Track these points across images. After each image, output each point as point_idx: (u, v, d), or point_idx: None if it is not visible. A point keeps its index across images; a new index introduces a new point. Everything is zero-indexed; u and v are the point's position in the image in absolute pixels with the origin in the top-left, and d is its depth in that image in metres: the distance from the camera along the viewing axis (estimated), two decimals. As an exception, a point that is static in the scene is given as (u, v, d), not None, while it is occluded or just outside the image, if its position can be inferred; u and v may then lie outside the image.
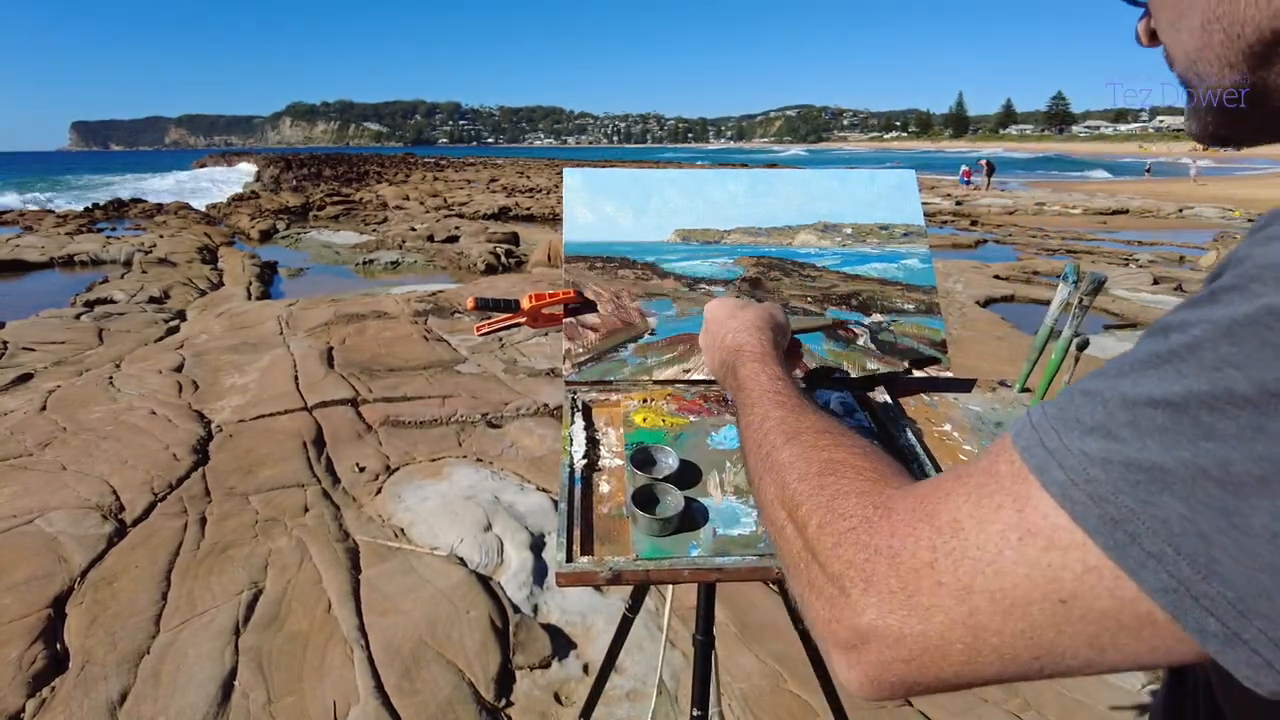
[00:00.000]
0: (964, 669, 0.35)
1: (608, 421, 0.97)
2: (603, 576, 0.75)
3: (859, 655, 0.38)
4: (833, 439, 0.52)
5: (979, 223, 16.21)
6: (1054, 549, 0.33)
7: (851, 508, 0.42)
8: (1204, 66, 0.43)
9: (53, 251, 11.37)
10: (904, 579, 0.36)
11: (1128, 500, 0.31)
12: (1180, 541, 0.30)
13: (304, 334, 5.58)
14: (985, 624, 0.34)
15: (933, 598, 0.35)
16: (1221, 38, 0.41)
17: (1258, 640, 0.29)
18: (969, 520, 0.36)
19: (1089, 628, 0.32)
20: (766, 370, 0.68)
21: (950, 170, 37.06)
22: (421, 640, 2.19)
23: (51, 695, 2.00)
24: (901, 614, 0.36)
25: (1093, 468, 0.32)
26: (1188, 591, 0.30)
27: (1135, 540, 0.31)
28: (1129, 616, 0.31)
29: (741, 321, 0.78)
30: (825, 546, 0.41)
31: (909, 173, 1.20)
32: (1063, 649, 0.33)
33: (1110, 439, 0.32)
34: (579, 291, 1.08)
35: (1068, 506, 0.32)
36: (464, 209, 19.30)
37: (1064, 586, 0.32)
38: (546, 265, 9.95)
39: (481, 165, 50.41)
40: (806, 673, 1.95)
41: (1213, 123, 0.45)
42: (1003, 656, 0.34)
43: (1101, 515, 0.31)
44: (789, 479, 0.49)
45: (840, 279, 1.12)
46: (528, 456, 3.52)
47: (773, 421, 0.57)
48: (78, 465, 3.32)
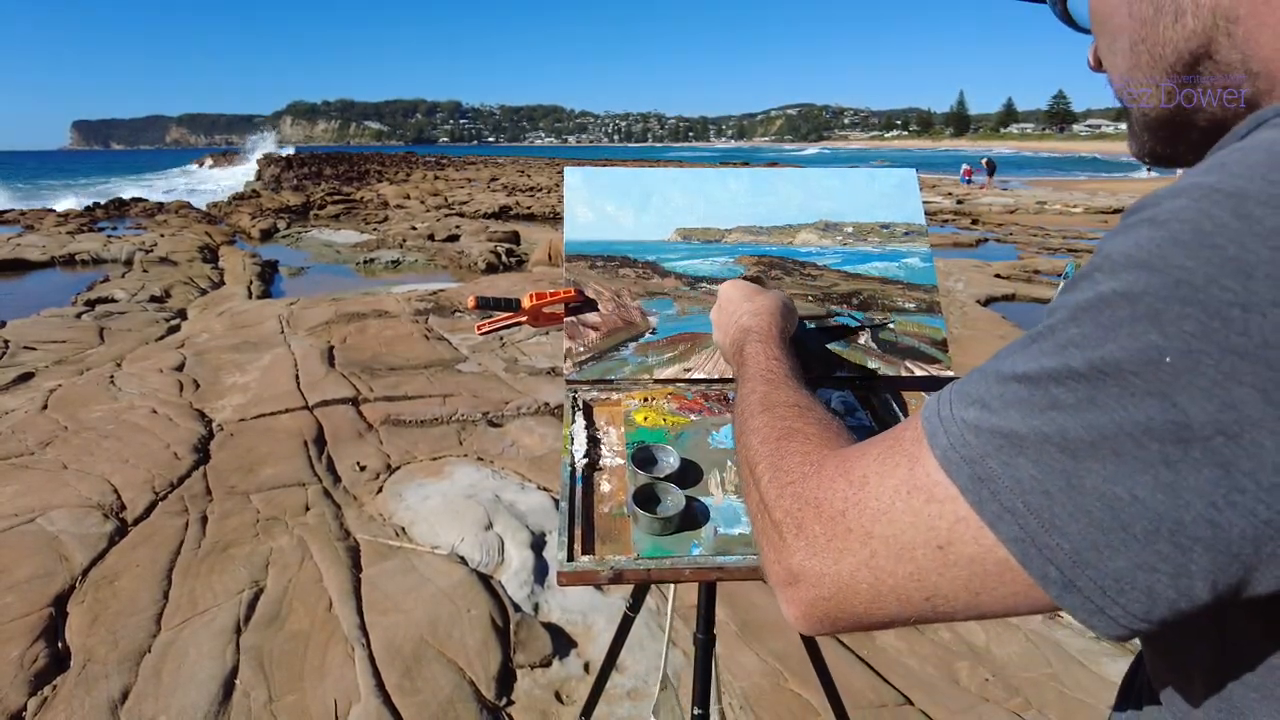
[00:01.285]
0: (872, 607, 0.40)
1: (609, 420, 0.97)
2: (604, 576, 0.75)
3: (792, 592, 0.43)
4: (799, 412, 0.57)
5: (980, 221, 16.20)
6: (933, 501, 0.37)
7: (794, 465, 0.48)
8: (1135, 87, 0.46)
9: (54, 250, 11.38)
10: (824, 525, 0.41)
11: (992, 462, 0.35)
12: (1029, 499, 0.34)
13: (305, 333, 5.58)
14: (883, 565, 0.39)
15: (844, 542, 0.40)
16: (1147, 59, 0.44)
17: (1089, 589, 0.33)
18: (874, 476, 0.40)
19: (963, 572, 0.37)
20: (767, 350, 0.73)
21: (949, 169, 37.06)
22: (422, 639, 2.19)
23: (53, 693, 2.00)
24: (822, 556, 0.41)
25: (968, 434, 0.36)
26: (1033, 542, 0.34)
27: (995, 496, 0.35)
28: (991, 563, 0.36)
29: (756, 305, 0.83)
30: (771, 497, 0.47)
31: (910, 172, 1.20)
32: (945, 591, 0.37)
33: (985, 409, 0.36)
34: (580, 290, 1.08)
35: (946, 466, 0.37)
36: (465, 208, 19.30)
37: (940, 534, 0.37)
38: (547, 264, 9.95)
39: (482, 164, 50.41)
40: (807, 671, 1.95)
41: (1149, 141, 0.48)
42: (899, 597, 0.39)
43: (971, 474, 0.36)
44: (754, 441, 0.55)
45: (841, 278, 1.12)
46: (528, 455, 3.52)
47: (757, 395, 0.63)
48: (79, 464, 3.32)
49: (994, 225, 15.56)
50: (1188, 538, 0.30)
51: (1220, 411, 0.29)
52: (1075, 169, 50.15)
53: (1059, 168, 52.74)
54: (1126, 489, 0.31)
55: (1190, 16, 0.41)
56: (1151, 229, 0.32)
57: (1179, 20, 0.41)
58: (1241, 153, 0.32)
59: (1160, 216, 0.32)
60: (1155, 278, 0.31)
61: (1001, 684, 2.09)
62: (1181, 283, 0.30)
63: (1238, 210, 0.30)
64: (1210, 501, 0.30)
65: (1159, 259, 0.31)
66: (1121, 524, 0.31)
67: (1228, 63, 0.40)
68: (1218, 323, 0.29)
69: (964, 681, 2.11)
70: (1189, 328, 0.30)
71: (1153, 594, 0.32)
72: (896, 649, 2.24)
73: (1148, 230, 0.32)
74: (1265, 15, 0.38)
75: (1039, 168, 51.31)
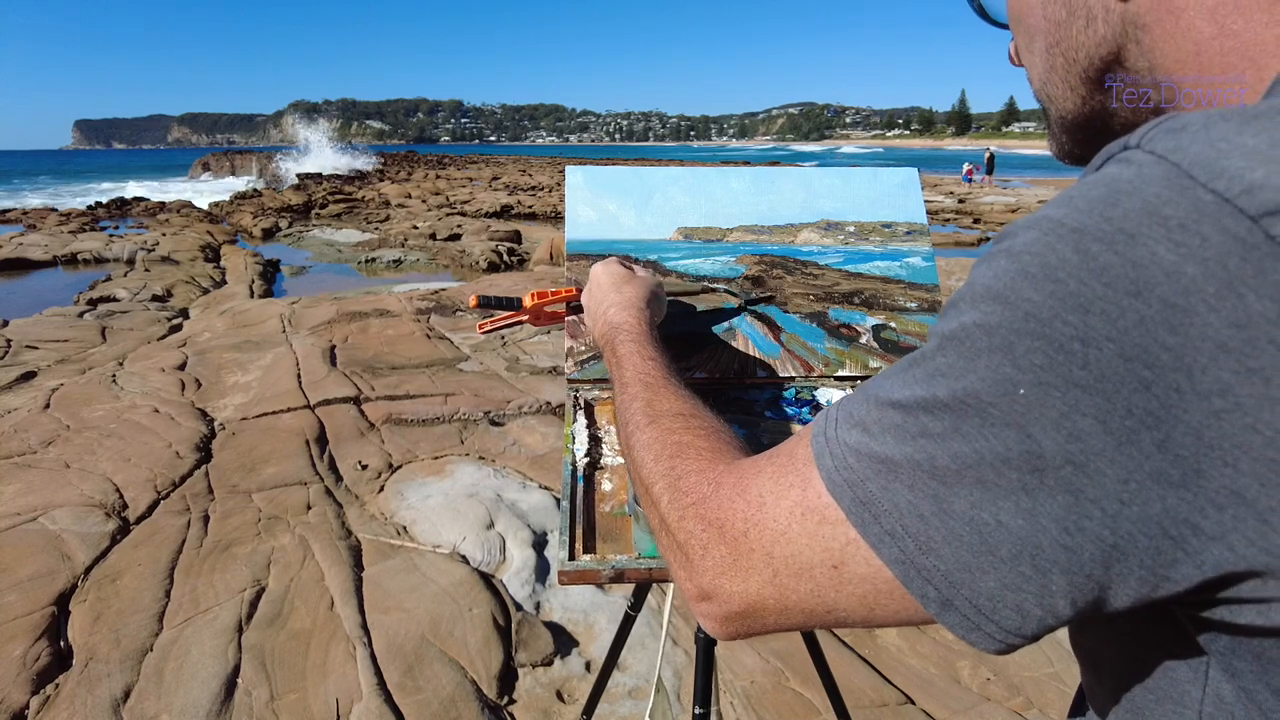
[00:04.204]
0: (781, 618, 0.41)
1: (610, 419, 0.97)
2: (605, 575, 0.75)
3: (707, 608, 0.44)
4: (684, 422, 0.57)
5: (981, 220, 16.18)
6: (825, 524, 0.38)
7: (691, 485, 0.48)
8: (1052, 89, 0.46)
9: (56, 250, 11.40)
10: (729, 547, 0.42)
11: (872, 486, 0.36)
12: (907, 522, 0.35)
13: (306, 332, 5.59)
14: (785, 584, 0.40)
15: (748, 561, 0.41)
16: (1062, 62, 0.45)
17: (965, 607, 0.34)
18: (770, 496, 0.41)
19: (857, 589, 0.38)
20: (641, 351, 0.73)
21: (948, 168, 37.01)
22: (424, 638, 2.19)
23: (55, 692, 2.00)
24: (730, 576, 0.42)
25: (850, 457, 0.38)
26: (912, 564, 0.35)
27: (877, 520, 0.36)
28: (881, 582, 0.37)
29: (624, 297, 0.83)
30: (673, 520, 0.48)
31: (911, 171, 1.20)
32: (844, 606, 0.39)
33: (865, 433, 0.37)
34: (581, 289, 1.08)
35: (831, 488, 0.38)
36: (466, 207, 19.30)
37: (834, 555, 0.38)
38: (549, 263, 9.95)
39: (484, 163, 50.40)
40: (808, 670, 1.96)
41: (1068, 143, 0.49)
42: (804, 610, 0.40)
43: (854, 498, 0.37)
44: (646, 458, 0.55)
45: (842, 277, 1.11)
46: (530, 454, 3.52)
47: (640, 403, 0.63)
48: (81, 463, 3.33)
49: (996, 225, 15.54)
50: (1046, 560, 0.32)
51: (1068, 442, 0.31)
52: (1074, 170, 50.02)
53: (1061, 168, 52.64)
54: (991, 514, 0.32)
55: (1101, 23, 0.41)
56: (1008, 260, 0.33)
57: (1090, 25, 0.42)
58: (1087, 187, 0.33)
59: (1014, 248, 0.33)
60: (1008, 311, 0.32)
61: (1003, 683, 2.09)
62: (1030, 316, 0.31)
63: (1078, 246, 0.31)
64: (1063, 527, 0.31)
65: (1011, 291, 0.32)
66: (989, 547, 0.33)
67: (1137, 69, 0.41)
68: (1062, 356, 0.30)
69: (965, 680, 2.11)
70: (1038, 360, 0.31)
71: (1022, 612, 0.33)
72: (898, 648, 2.24)
73: (1004, 262, 0.33)
74: (1170, 26, 0.38)
75: (1041, 168, 51.26)
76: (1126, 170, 0.32)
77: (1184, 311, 0.28)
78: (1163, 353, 0.29)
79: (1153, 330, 0.29)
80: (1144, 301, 0.29)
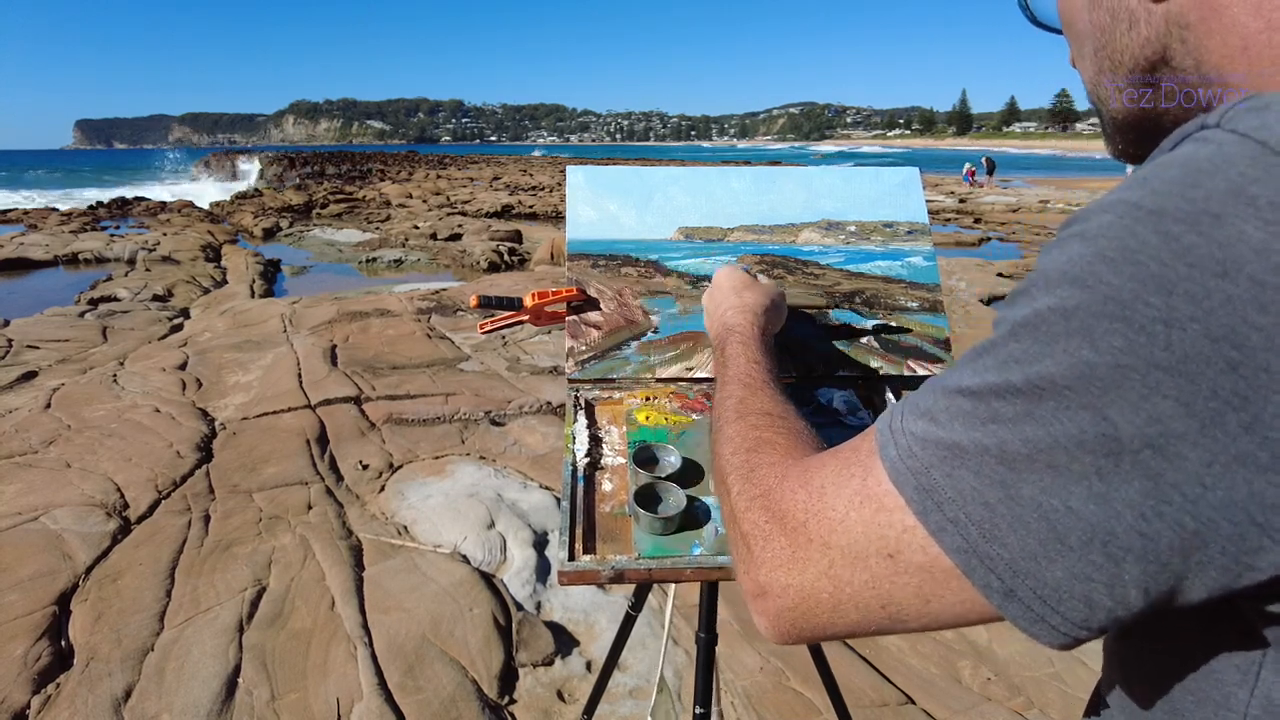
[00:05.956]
0: (834, 616, 0.40)
1: (610, 419, 0.97)
2: (605, 575, 0.75)
3: (761, 604, 0.43)
4: (770, 421, 0.57)
5: (982, 220, 16.17)
6: (883, 511, 0.38)
7: (761, 478, 0.48)
8: (1102, 91, 0.47)
9: (57, 250, 11.40)
10: (789, 538, 0.42)
11: (936, 474, 0.36)
12: (970, 509, 0.34)
13: (307, 332, 5.59)
14: (841, 575, 0.39)
15: (805, 552, 0.41)
16: (1109, 64, 0.45)
17: (1029, 598, 0.33)
18: (830, 486, 0.41)
19: (913, 579, 0.37)
20: (748, 353, 0.73)
21: (950, 169, 37.01)
22: (424, 638, 2.19)
23: (56, 691, 2.00)
24: (785, 568, 0.42)
25: (915, 445, 0.37)
26: (975, 552, 0.34)
27: (939, 507, 0.36)
28: (938, 571, 0.36)
29: (743, 301, 0.83)
30: (740, 509, 0.48)
31: (913, 170, 1.20)
32: (899, 599, 0.38)
33: (932, 422, 0.37)
34: (582, 289, 1.08)
35: (894, 477, 0.38)
36: (467, 207, 19.31)
37: (889, 543, 0.38)
38: (549, 263, 9.95)
39: (484, 163, 50.41)
40: (809, 670, 1.95)
41: (1121, 143, 0.49)
42: (858, 605, 0.39)
43: (917, 485, 0.37)
44: (726, 451, 0.56)
45: (844, 277, 1.11)
46: (530, 454, 3.52)
47: (734, 400, 0.64)
48: (82, 463, 3.33)
49: (996, 224, 15.54)
50: (1120, 548, 0.31)
51: (1147, 425, 0.30)
52: (1075, 169, 50.03)
53: (1062, 168, 52.61)
54: (1061, 500, 0.32)
55: (1144, 24, 0.42)
56: (1082, 244, 0.33)
57: (1133, 27, 0.42)
58: (1163, 168, 0.33)
59: (1089, 232, 0.33)
60: (1085, 294, 0.32)
61: (1004, 683, 2.09)
62: (1110, 299, 0.31)
63: (1158, 228, 0.31)
64: (1140, 513, 0.31)
65: (1089, 275, 0.32)
66: (1057, 535, 0.32)
67: (1183, 68, 0.41)
68: (1143, 338, 0.30)
69: (966, 680, 2.11)
70: (1117, 343, 0.31)
71: (1090, 603, 0.32)
72: (899, 648, 2.24)
73: (1078, 246, 0.33)
74: (1214, 23, 0.39)
75: (1043, 168, 51.20)
76: (1205, 149, 0.32)
77: (1276, 290, 0.28)
78: (1252, 333, 0.28)
79: (1241, 310, 0.28)
80: (1232, 281, 0.29)
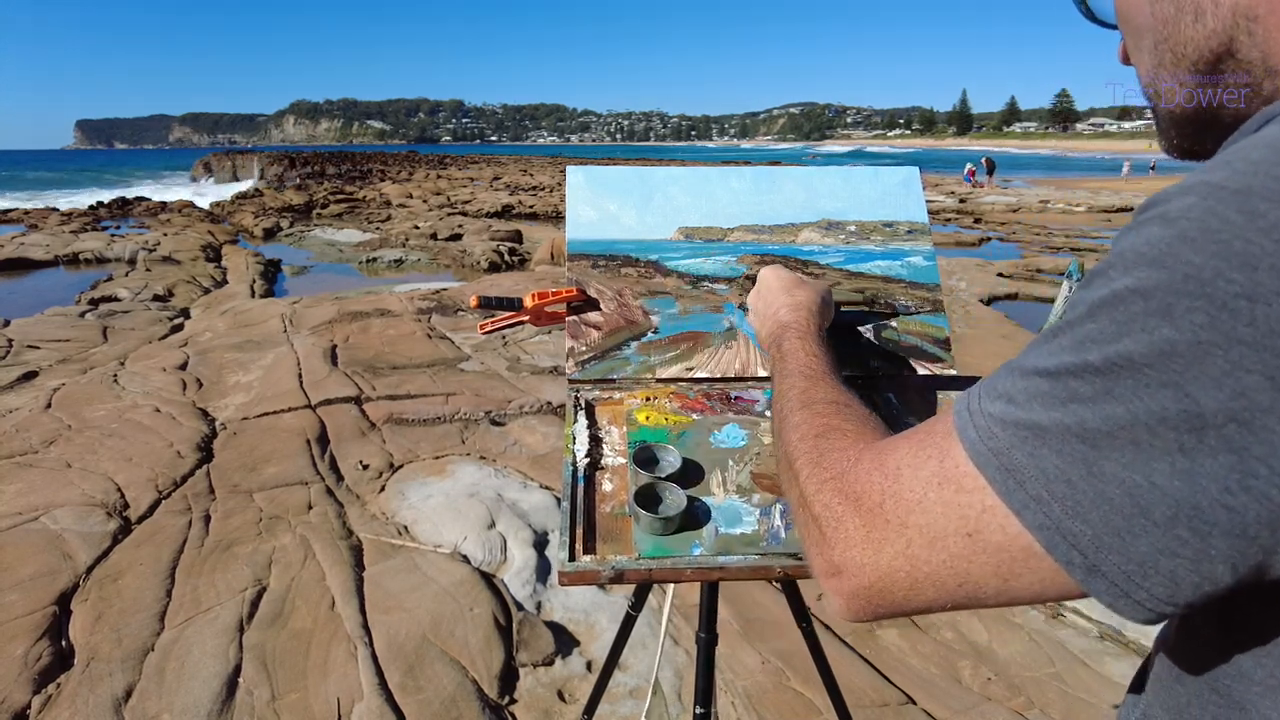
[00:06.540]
0: (911, 594, 0.41)
1: (611, 420, 0.97)
2: (605, 575, 0.75)
3: (836, 584, 0.44)
4: (836, 409, 0.59)
5: (982, 220, 16.17)
6: (962, 492, 0.39)
7: (832, 462, 0.49)
8: (1160, 85, 0.47)
9: (58, 250, 11.41)
10: (863, 518, 0.43)
11: (1017, 453, 0.36)
12: (1053, 487, 0.35)
13: (307, 332, 5.59)
14: (918, 554, 0.40)
15: (882, 533, 0.42)
16: (1170, 57, 0.45)
17: (1114, 573, 0.34)
18: (907, 468, 0.42)
19: (992, 558, 0.38)
20: (806, 347, 0.75)
21: (950, 168, 37.00)
22: (425, 637, 2.19)
23: (57, 691, 2.01)
24: (862, 548, 0.42)
25: (995, 427, 0.38)
26: (1057, 528, 0.35)
27: (1021, 485, 0.36)
28: (1018, 549, 0.37)
29: (795, 300, 0.85)
30: (810, 492, 0.49)
31: (913, 170, 1.20)
32: (976, 577, 0.39)
33: (1010, 403, 0.38)
34: (582, 289, 1.08)
35: (974, 458, 0.38)
36: (467, 207, 19.31)
37: (969, 522, 0.38)
38: (549, 263, 9.95)
39: (485, 163, 50.39)
40: (809, 670, 1.95)
41: (1176, 137, 0.49)
42: (935, 584, 0.40)
43: (998, 465, 0.37)
44: (793, 438, 0.57)
45: (844, 276, 1.11)
46: (531, 454, 3.52)
47: (797, 390, 0.65)
48: (82, 463, 3.33)
49: (997, 224, 15.53)
50: (1205, 522, 0.31)
51: (1231, 400, 0.30)
52: (1075, 169, 49.92)
53: (1062, 168, 52.51)
54: (1145, 476, 0.32)
55: (1210, 16, 0.41)
56: (1162, 226, 0.33)
57: (1199, 20, 0.42)
58: (1247, 149, 0.33)
59: (1170, 214, 0.33)
60: (1165, 274, 0.32)
61: (1004, 683, 2.09)
62: (1190, 277, 0.31)
63: (1243, 206, 0.31)
64: (1225, 487, 0.31)
65: (1169, 256, 0.32)
66: (1141, 510, 0.32)
67: (1249, 60, 0.41)
68: (1225, 314, 0.30)
69: (966, 680, 2.11)
70: (1198, 320, 0.31)
71: (1175, 578, 0.33)
72: (899, 648, 2.24)
73: (1158, 228, 0.33)
74: None
75: (1043, 168, 51.13)
76: None
77: None
78: None
79: None
80: None
